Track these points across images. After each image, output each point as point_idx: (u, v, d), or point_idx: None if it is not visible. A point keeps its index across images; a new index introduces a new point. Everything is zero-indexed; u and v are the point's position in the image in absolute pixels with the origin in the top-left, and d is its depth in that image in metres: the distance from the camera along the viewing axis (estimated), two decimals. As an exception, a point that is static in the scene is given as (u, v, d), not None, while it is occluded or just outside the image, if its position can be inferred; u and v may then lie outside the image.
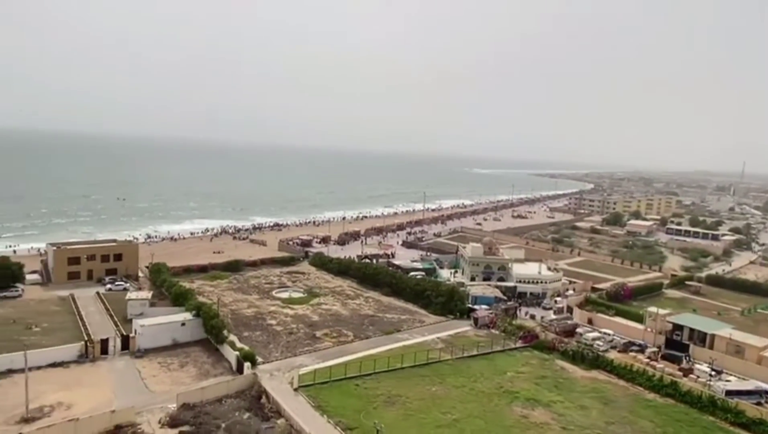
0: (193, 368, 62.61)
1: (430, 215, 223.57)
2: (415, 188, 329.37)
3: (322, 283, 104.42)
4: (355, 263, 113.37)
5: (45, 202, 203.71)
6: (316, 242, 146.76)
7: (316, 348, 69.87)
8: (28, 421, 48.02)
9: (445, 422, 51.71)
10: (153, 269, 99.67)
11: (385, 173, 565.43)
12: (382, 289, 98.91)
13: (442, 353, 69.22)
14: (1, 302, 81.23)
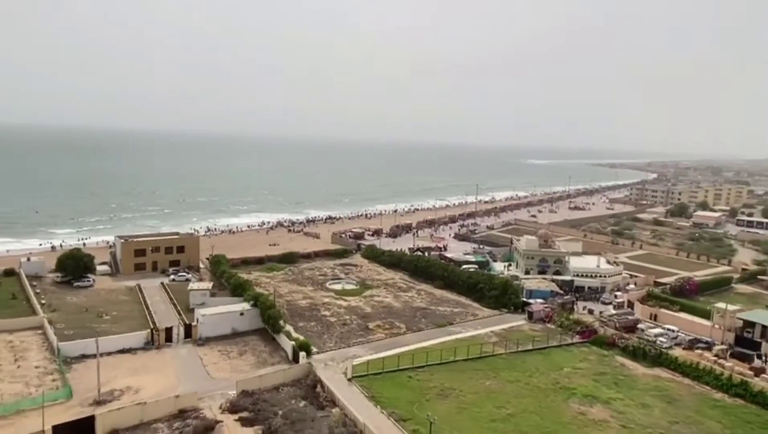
0: (251, 356, 64.71)
1: (482, 207, 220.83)
2: (467, 180, 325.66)
3: (375, 275, 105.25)
4: (407, 256, 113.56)
5: (114, 198, 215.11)
6: (368, 234, 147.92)
7: (368, 340, 70.65)
8: (100, 403, 51.14)
9: (500, 416, 51.15)
10: (213, 261, 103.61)
11: (436, 166, 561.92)
12: (434, 282, 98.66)
13: (496, 347, 68.45)
14: (75, 291, 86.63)
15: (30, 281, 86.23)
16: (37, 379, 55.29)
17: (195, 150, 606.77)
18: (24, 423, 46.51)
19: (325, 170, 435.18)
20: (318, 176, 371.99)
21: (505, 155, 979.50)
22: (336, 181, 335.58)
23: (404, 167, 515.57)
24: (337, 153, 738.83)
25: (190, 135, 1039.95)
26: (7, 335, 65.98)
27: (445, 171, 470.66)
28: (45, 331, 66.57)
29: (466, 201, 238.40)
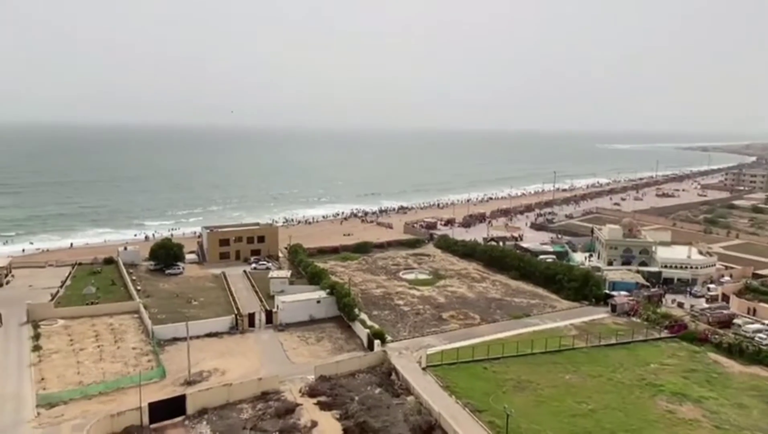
0: (328, 343, 66.60)
1: (561, 195, 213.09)
2: (544, 168, 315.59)
3: (448, 265, 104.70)
4: (480, 246, 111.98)
5: (200, 191, 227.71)
6: (440, 224, 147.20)
7: (442, 329, 70.55)
8: (190, 384, 54.63)
9: (581, 412, 49.52)
10: (291, 250, 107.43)
11: (510, 153, 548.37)
12: (509, 272, 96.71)
13: (576, 340, 66.17)
14: (166, 278, 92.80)
15: (127, 268, 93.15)
16: (135, 359, 59.89)
17: (257, 144, 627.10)
18: (124, 399, 50.62)
19: (393, 160, 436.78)
20: (388, 166, 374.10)
21: (582, 140, 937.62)
22: (406, 171, 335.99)
23: (477, 155, 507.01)
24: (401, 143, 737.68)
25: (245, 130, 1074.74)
26: (108, 318, 71.87)
27: (520, 159, 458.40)
28: (141, 315, 71.84)
29: (543, 189, 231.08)
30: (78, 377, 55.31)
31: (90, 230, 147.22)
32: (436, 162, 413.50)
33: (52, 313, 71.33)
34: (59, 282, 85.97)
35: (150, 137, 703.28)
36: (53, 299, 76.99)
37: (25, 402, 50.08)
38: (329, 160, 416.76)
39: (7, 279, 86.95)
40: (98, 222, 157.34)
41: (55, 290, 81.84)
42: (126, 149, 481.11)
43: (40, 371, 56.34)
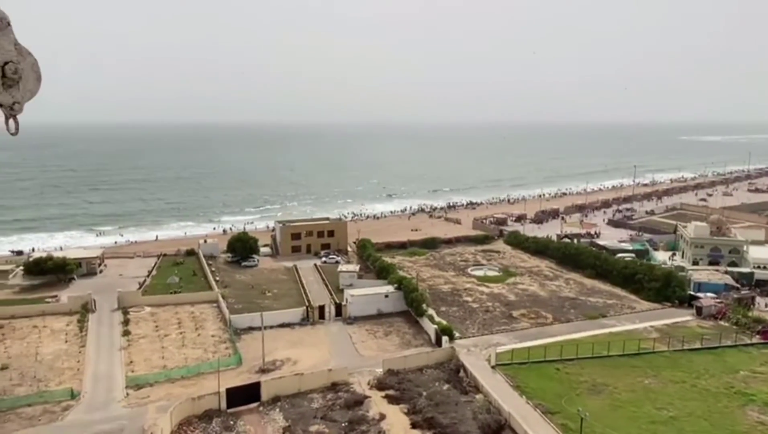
0: (396, 337, 67.16)
1: (641, 190, 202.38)
2: (623, 161, 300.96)
3: (518, 262, 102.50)
4: (553, 243, 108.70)
5: (275, 186, 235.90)
6: (510, 220, 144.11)
7: (512, 328, 69.24)
8: (265, 371, 56.92)
9: (661, 419, 47.02)
10: (359, 245, 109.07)
11: (587, 147, 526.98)
12: (584, 271, 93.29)
13: (657, 343, 62.78)
14: (242, 270, 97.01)
15: (206, 260, 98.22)
16: (213, 347, 63.17)
17: (326, 140, 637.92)
18: (204, 384, 53.55)
19: (464, 154, 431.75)
20: (458, 161, 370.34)
21: (665, 132, 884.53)
22: (477, 165, 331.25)
23: (551, 149, 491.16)
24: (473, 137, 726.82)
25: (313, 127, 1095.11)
26: (190, 307, 76.13)
27: (598, 152, 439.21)
28: (219, 305, 75.58)
29: (623, 184, 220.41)
30: (162, 361, 59.08)
31: (173, 223, 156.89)
32: (507, 156, 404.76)
33: (139, 301, 76.51)
34: (146, 272, 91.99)
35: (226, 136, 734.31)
36: (141, 287, 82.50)
37: (116, 383, 54.16)
38: (399, 155, 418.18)
39: (100, 268, 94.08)
40: (180, 217, 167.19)
41: (143, 279, 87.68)
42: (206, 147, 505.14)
43: (129, 354, 60.68)
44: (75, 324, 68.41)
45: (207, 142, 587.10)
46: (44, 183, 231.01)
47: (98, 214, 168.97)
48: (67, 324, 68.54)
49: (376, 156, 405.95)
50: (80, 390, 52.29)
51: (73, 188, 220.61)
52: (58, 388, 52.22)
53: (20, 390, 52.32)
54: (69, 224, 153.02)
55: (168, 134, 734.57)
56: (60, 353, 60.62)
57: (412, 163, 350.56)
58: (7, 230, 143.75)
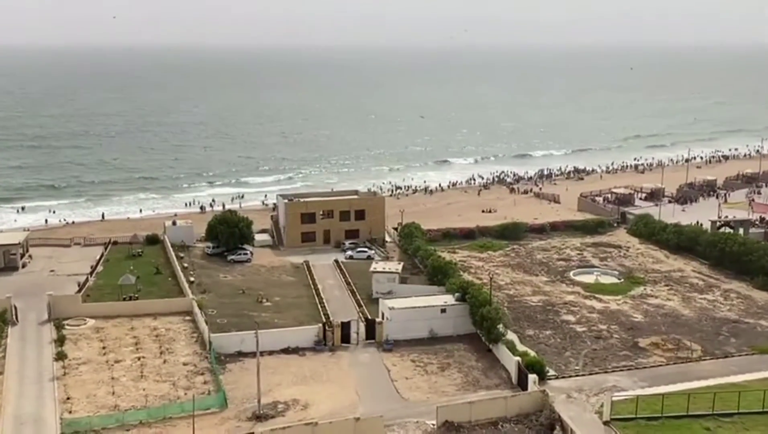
0: (457, 373, 66.98)
1: None
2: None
3: (650, 263, 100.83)
4: (706, 234, 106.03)
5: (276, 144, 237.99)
6: (639, 197, 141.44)
7: (638, 364, 68.31)
8: (261, 419, 57.68)
9: None
10: (403, 232, 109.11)
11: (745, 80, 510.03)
12: (754, 279, 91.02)
13: None
14: (229, 267, 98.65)
15: (176, 251, 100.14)
16: (186, 379, 64.46)
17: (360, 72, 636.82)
18: (172, 432, 54.79)
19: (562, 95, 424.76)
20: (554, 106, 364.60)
21: None
22: (585, 114, 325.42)
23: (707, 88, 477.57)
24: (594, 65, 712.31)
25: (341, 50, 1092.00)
26: (151, 320, 77.86)
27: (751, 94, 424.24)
28: (195, 318, 77.03)
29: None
30: (113, 399, 60.61)
31: (127, 196, 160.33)
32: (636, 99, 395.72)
33: (79, 310, 78.67)
34: (89, 267, 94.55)
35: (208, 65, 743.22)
36: (81, 290, 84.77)
37: (47, 429, 55.88)
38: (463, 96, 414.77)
39: (23, 261, 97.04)
40: (138, 187, 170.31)
41: (84, 278, 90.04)
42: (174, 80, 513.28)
43: (65, 387, 62.40)
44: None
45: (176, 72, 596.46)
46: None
47: (18, 181, 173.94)
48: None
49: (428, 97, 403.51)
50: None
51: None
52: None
53: None
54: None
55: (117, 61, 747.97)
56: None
57: (484, 109, 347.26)
58: None
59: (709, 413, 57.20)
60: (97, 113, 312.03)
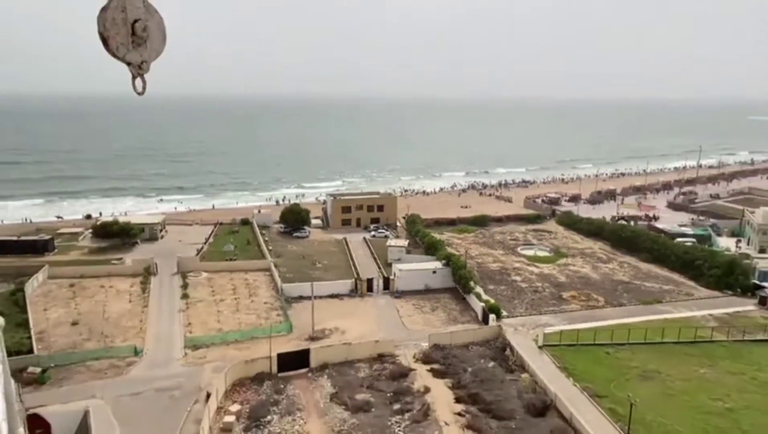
0: (442, 313, 67.24)
1: (706, 172, 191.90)
2: (685, 142, 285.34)
3: (570, 243, 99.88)
4: (608, 224, 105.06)
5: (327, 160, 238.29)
6: (564, 200, 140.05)
7: (562, 309, 67.96)
8: (314, 339, 58.41)
9: (716, 410, 45.29)
10: (408, 220, 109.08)
11: (646, 125, 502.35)
12: (640, 254, 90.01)
13: (716, 332, 60.11)
14: (294, 241, 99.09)
15: (260, 229, 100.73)
16: (266, 313, 65.21)
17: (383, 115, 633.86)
18: (256, 348, 55.50)
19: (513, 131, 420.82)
20: (508, 137, 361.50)
21: (731, 112, 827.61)
22: (527, 143, 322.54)
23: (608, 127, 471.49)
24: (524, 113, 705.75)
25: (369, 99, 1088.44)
26: (244, 274, 78.62)
27: (657, 131, 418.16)
28: (272, 273, 77.65)
29: (685, 166, 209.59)
30: (218, 324, 61.62)
31: (229, 193, 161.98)
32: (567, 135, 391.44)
33: (197, 266, 79.66)
34: (203, 239, 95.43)
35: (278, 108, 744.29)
36: (198, 254, 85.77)
37: (176, 343, 56.96)
38: (450, 132, 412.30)
39: (161, 234, 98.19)
40: (236, 187, 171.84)
41: (200, 246, 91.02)
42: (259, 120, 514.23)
43: (188, 316, 63.54)
44: (138, 286, 72.12)
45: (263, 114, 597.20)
46: (109, 153, 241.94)
47: (160, 182, 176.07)
48: (131, 285, 72.32)
49: (427, 133, 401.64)
50: (143, 347, 55.34)
51: (136, 158, 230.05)
52: (123, 345, 55.46)
53: (89, 344, 55.89)
54: (133, 192, 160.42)
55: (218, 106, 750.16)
56: (124, 312, 64.20)
57: (463, 140, 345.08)
58: (78, 196, 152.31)
59: (609, 343, 57.18)
60: (218, 140, 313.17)
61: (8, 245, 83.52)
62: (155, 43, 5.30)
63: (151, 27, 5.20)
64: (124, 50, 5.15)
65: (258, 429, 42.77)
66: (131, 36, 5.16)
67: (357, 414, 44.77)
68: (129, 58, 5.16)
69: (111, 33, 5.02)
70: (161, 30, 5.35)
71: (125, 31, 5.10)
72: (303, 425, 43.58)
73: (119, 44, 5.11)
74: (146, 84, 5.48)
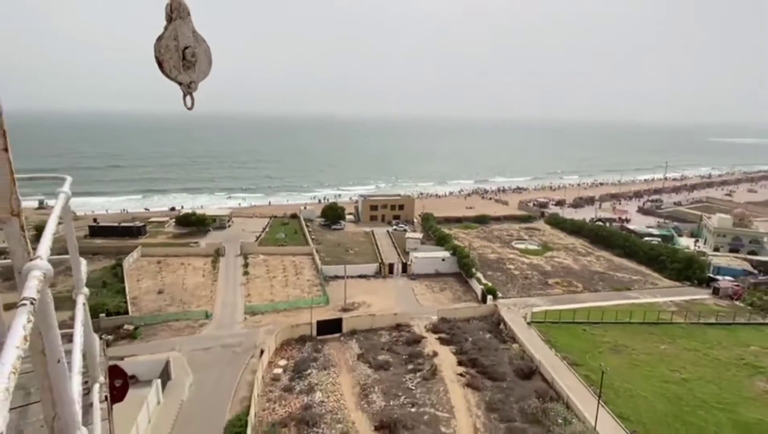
0: (449, 293, 66.86)
1: (671, 184, 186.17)
2: (653, 158, 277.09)
3: (556, 240, 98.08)
4: (588, 225, 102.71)
5: (357, 168, 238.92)
6: (551, 204, 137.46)
7: (547, 293, 66.86)
8: (346, 310, 58.66)
9: (673, 379, 44.10)
10: (423, 217, 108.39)
11: (621, 143, 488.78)
12: (613, 250, 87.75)
13: (675, 316, 58.48)
14: (332, 232, 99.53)
15: (305, 222, 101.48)
16: (308, 288, 65.77)
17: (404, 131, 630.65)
18: (300, 315, 56.10)
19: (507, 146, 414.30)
20: (505, 150, 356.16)
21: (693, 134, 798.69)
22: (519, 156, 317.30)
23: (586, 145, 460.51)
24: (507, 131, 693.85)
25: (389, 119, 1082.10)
26: (292, 257, 79.41)
27: (632, 149, 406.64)
28: (313, 257, 78.23)
29: (654, 178, 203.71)
30: (271, 296, 62.42)
31: (282, 193, 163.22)
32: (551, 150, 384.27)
33: (256, 250, 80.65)
34: (261, 228, 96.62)
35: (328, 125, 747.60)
36: (257, 240, 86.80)
37: (238, 309, 57.96)
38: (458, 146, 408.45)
39: (228, 224, 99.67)
40: (287, 188, 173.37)
41: (258, 234, 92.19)
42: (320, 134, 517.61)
43: (247, 289, 64.54)
44: (210, 264, 73.49)
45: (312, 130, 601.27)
46: (188, 160, 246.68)
47: (228, 183, 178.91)
48: (204, 264, 73.76)
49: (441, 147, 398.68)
50: (212, 312, 56.47)
51: (209, 164, 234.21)
52: (197, 310, 56.66)
53: (171, 308, 57.29)
54: (207, 190, 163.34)
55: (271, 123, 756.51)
56: (199, 284, 65.58)
57: (470, 154, 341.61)
58: (165, 192, 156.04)
59: (585, 321, 56.18)
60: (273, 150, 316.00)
61: (111, 230, 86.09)
62: (202, 66, 5.23)
63: (199, 53, 5.11)
64: (176, 72, 5.07)
65: (300, 380, 43.36)
66: (182, 60, 5.08)
67: (378, 371, 44.98)
68: (180, 79, 5.10)
69: (165, 57, 4.98)
70: (207, 56, 5.27)
71: (177, 56, 5.02)
72: (336, 377, 44.00)
73: (172, 67, 5.04)
74: (194, 101, 5.43)
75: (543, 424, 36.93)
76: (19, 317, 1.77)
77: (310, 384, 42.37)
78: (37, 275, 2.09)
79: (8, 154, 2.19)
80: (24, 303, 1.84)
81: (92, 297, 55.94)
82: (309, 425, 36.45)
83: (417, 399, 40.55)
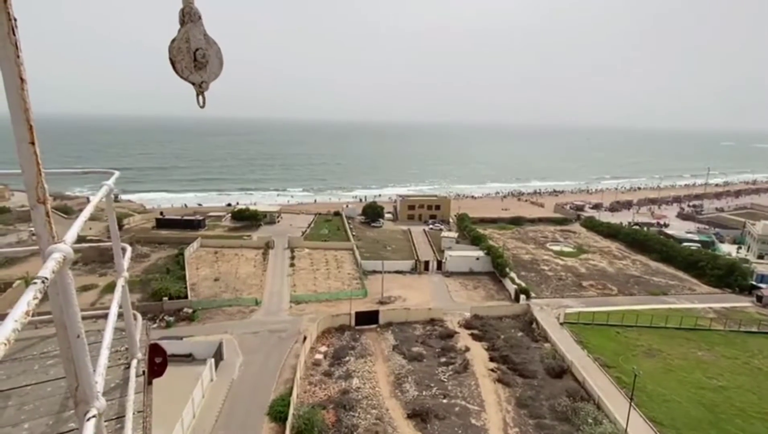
0: (482, 291, 65.78)
1: (713, 190, 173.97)
2: (694, 164, 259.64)
3: (591, 242, 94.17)
4: (624, 228, 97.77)
5: (398, 170, 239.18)
6: (588, 207, 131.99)
7: (581, 295, 64.40)
8: (383, 303, 59.04)
9: (710, 386, 41.40)
10: (459, 218, 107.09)
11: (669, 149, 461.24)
12: (650, 254, 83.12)
13: (713, 323, 54.78)
14: (371, 229, 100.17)
15: (347, 220, 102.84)
16: (348, 281, 66.66)
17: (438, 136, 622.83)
18: (340, 306, 57.01)
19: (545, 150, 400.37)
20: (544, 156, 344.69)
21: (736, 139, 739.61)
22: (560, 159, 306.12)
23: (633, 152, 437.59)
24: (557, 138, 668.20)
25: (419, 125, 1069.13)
26: (334, 251, 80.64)
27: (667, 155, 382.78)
28: (354, 252, 79.09)
29: (695, 183, 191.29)
30: (314, 287, 63.77)
31: (327, 192, 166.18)
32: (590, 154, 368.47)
33: (302, 244, 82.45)
34: (307, 224, 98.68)
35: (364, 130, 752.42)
36: (303, 235, 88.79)
37: (284, 298, 59.63)
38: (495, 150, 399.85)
39: (278, 219, 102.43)
40: (333, 188, 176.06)
41: (304, 229, 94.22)
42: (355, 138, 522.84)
43: (293, 280, 66.21)
44: (260, 256, 75.87)
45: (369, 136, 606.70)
46: (242, 161, 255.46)
47: (278, 183, 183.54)
48: (255, 255, 76.23)
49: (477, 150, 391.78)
50: (261, 300, 58.42)
51: (261, 165, 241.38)
52: (248, 297, 58.77)
53: (225, 295, 59.76)
54: (259, 188, 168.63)
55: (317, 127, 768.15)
56: (250, 274, 67.95)
57: (505, 156, 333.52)
58: (222, 190, 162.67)
59: (619, 324, 53.79)
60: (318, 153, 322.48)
61: (175, 222, 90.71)
62: (213, 67, 5.09)
63: (210, 54, 5.00)
64: (188, 72, 4.96)
65: (339, 366, 44.15)
66: (193, 61, 4.97)
67: (412, 362, 45.04)
68: (192, 79, 5.01)
69: (177, 58, 4.90)
70: (218, 57, 5.12)
71: (189, 57, 4.93)
72: (372, 366, 44.47)
73: (184, 67, 4.94)
74: (206, 100, 5.30)
75: (573, 423, 35.75)
76: (27, 293, 1.82)
77: (348, 371, 43.05)
78: (57, 257, 2.12)
79: (35, 147, 2.25)
80: (35, 282, 1.90)
81: (157, 282, 59.40)
82: (346, 409, 37.09)
83: (449, 391, 40.31)
